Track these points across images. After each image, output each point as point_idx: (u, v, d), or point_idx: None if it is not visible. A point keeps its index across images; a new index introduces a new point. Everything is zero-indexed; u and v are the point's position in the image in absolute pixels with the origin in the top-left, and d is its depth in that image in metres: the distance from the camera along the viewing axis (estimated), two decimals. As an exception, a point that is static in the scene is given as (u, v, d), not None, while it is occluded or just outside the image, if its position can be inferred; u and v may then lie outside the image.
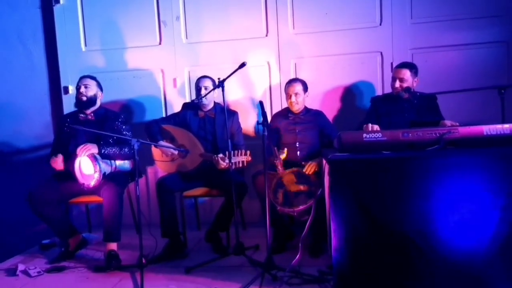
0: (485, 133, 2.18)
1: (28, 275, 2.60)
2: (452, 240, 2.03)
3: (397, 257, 2.06)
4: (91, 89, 2.96)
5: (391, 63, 3.24)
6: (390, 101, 2.90)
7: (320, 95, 3.39)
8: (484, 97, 2.95)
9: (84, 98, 2.93)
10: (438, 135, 2.19)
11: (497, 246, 2.02)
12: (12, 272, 2.66)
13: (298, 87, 2.97)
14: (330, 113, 3.34)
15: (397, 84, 2.82)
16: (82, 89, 2.93)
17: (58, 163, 2.81)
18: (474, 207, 2.03)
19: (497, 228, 2.02)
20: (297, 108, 3.00)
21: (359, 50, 3.33)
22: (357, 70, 3.34)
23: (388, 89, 3.16)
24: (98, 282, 2.48)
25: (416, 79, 2.87)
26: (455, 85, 3.00)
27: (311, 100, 3.27)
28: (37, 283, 2.50)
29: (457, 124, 2.45)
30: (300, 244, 2.36)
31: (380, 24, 3.29)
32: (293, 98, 2.95)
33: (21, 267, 2.67)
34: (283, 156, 2.80)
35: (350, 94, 3.37)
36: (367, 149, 2.21)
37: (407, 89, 2.78)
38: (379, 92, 3.30)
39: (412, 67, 2.89)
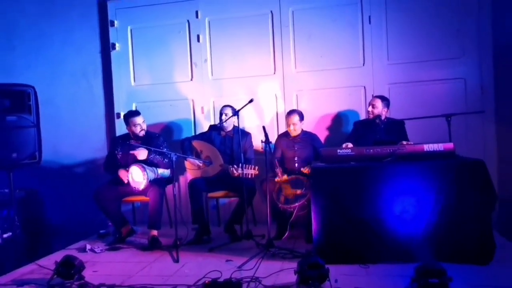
0: (425, 150, 3.02)
1: (94, 251, 3.55)
2: (396, 225, 2.85)
3: (359, 236, 2.88)
4: (145, 124, 3.89)
5: (372, 95, 4.09)
6: (366, 125, 3.75)
7: (316, 120, 4.27)
8: (440, 122, 3.72)
9: (143, 133, 3.84)
10: (391, 151, 3.04)
11: (428, 231, 2.82)
12: (82, 249, 3.61)
13: (295, 119, 3.82)
14: (324, 133, 4.22)
15: (370, 109, 3.69)
16: (144, 126, 3.81)
17: (124, 175, 3.67)
18: (413, 201, 2.85)
19: (429, 217, 2.83)
20: (295, 134, 3.87)
21: (347, 84, 4.21)
22: (345, 100, 4.21)
23: (370, 116, 3.99)
24: (145, 256, 3.39)
25: (385, 109, 3.71)
26: (423, 113, 3.79)
27: (309, 123, 4.16)
28: (102, 256, 3.45)
29: (411, 143, 3.28)
30: (288, 226, 3.21)
31: (363, 65, 4.17)
32: (292, 127, 3.83)
33: (88, 246, 3.62)
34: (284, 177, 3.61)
35: (339, 119, 4.24)
36: (340, 160, 3.08)
37: (378, 116, 3.63)
38: (362, 117, 4.15)
39: (384, 99, 3.74)
